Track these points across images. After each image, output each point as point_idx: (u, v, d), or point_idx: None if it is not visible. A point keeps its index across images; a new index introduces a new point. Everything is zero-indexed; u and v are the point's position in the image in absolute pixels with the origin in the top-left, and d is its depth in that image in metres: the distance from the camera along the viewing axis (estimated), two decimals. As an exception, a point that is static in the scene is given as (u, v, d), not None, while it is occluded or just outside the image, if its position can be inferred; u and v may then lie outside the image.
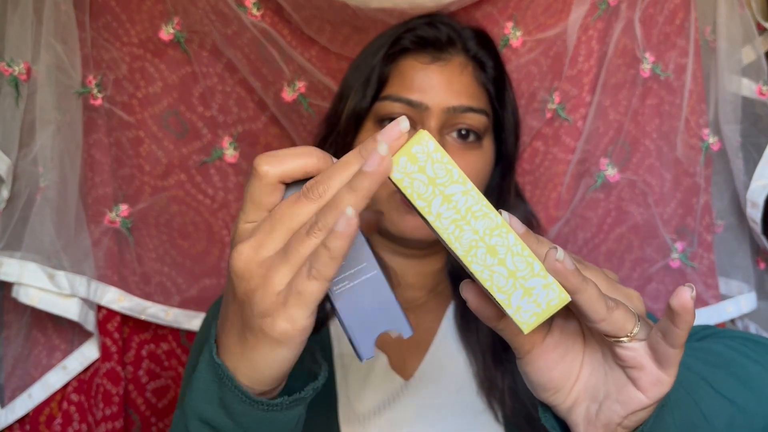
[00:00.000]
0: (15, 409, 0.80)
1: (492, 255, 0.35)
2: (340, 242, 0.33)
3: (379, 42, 0.73)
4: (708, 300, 0.90)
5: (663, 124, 0.92)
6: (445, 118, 0.67)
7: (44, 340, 0.83)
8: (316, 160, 0.36)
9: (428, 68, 0.69)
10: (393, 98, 0.68)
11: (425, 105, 0.67)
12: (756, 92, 0.89)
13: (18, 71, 0.78)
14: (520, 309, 0.35)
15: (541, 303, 0.35)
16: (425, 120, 0.67)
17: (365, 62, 0.72)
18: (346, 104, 0.71)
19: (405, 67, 0.69)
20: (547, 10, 0.91)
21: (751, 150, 0.90)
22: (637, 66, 0.91)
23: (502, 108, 0.73)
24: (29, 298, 0.77)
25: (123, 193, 0.87)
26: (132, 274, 0.87)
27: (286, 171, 0.36)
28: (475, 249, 0.35)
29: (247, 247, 0.35)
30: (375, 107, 0.69)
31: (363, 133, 0.70)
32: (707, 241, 0.91)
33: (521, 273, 0.34)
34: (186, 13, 0.87)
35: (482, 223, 0.35)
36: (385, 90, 0.69)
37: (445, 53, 0.70)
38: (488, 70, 0.72)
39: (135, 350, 0.90)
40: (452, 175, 0.35)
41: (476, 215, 0.35)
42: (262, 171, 0.35)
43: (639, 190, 0.92)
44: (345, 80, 0.74)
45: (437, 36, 0.70)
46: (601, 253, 0.93)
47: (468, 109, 0.67)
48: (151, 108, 0.88)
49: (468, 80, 0.69)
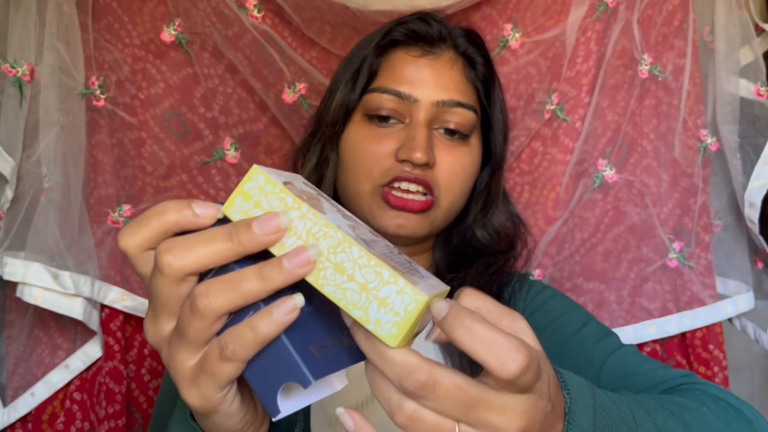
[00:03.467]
0: (18, 408, 0.81)
1: (340, 273, 0.33)
2: (272, 327, 0.32)
3: (369, 38, 0.73)
4: (705, 300, 0.91)
5: (661, 125, 0.92)
6: (434, 112, 0.67)
7: (47, 339, 0.83)
8: (173, 216, 0.35)
9: (418, 61, 0.68)
10: (382, 90, 0.67)
11: (414, 97, 0.66)
12: (754, 93, 0.90)
13: (21, 73, 0.78)
14: (379, 322, 0.32)
15: (399, 310, 0.32)
16: (414, 113, 0.66)
17: (356, 55, 0.72)
18: (336, 97, 0.70)
19: (395, 60, 0.69)
20: (545, 12, 0.92)
21: (749, 150, 0.90)
22: (635, 67, 0.91)
23: (490, 106, 0.73)
24: (33, 297, 0.78)
25: (126, 194, 0.88)
26: (134, 274, 0.87)
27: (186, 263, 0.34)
28: (323, 271, 0.33)
29: (147, 322, 0.36)
30: (364, 99, 0.69)
31: (351, 125, 0.69)
32: (705, 241, 0.92)
33: (372, 284, 0.33)
34: (187, 15, 0.87)
35: (324, 242, 0.33)
36: (375, 82, 0.69)
37: (435, 48, 0.70)
38: (478, 67, 0.72)
39: (137, 349, 0.90)
40: (286, 203, 0.34)
41: (317, 236, 0.33)
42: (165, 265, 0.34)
43: (637, 190, 0.93)
44: (335, 76, 0.74)
45: (428, 31, 0.70)
46: (598, 253, 0.93)
47: (457, 103, 0.67)
48: (153, 109, 0.89)
49: (458, 76, 0.69)
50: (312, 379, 0.32)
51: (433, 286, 0.35)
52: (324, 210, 0.36)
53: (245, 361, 0.33)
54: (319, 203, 0.36)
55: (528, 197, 0.94)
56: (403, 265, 0.35)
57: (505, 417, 0.32)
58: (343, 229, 0.34)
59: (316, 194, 0.38)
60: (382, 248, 0.36)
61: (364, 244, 0.34)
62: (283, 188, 0.34)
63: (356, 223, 0.38)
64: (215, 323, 0.33)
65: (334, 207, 0.38)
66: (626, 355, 0.66)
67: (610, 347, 0.66)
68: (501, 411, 0.32)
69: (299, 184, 0.38)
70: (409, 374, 0.32)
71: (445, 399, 0.32)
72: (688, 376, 0.61)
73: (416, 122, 0.66)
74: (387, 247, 0.37)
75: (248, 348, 0.32)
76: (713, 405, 0.53)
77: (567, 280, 0.93)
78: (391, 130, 0.67)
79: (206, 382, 0.33)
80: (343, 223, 0.36)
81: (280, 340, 0.33)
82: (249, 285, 0.32)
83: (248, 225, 0.33)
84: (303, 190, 0.37)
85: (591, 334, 0.68)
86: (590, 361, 0.66)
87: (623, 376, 0.63)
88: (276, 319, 0.32)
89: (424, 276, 0.36)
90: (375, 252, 0.34)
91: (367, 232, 0.38)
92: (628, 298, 0.93)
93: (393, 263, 0.34)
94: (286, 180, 0.37)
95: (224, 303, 0.32)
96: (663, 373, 0.62)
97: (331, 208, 0.37)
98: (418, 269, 0.37)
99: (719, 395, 0.56)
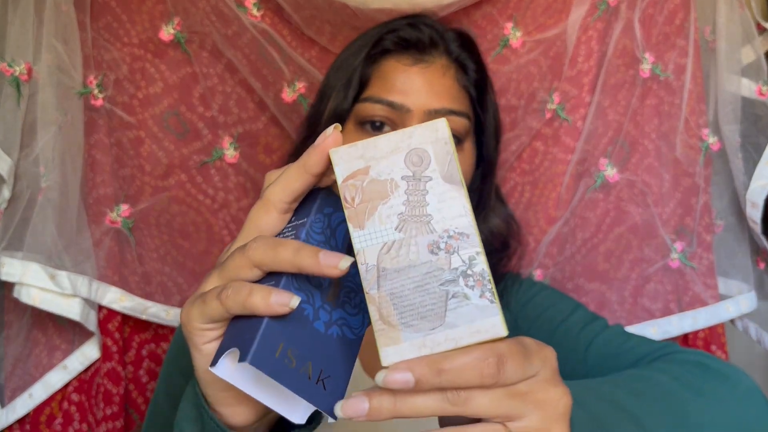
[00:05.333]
0: (15, 409, 0.80)
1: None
2: (260, 304, 0.34)
3: (360, 42, 0.73)
4: (707, 300, 0.91)
5: (662, 125, 0.92)
6: (426, 121, 0.67)
7: (45, 340, 0.83)
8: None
9: (410, 70, 0.68)
10: (374, 100, 0.67)
11: (407, 107, 0.66)
12: (756, 92, 0.89)
13: (19, 72, 0.78)
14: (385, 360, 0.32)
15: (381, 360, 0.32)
16: (407, 122, 0.66)
17: (347, 62, 0.71)
18: (327, 105, 0.70)
19: (386, 69, 0.69)
20: (546, 11, 0.91)
21: (750, 150, 0.90)
22: (637, 66, 0.91)
23: (483, 111, 0.73)
24: (31, 298, 0.77)
25: (124, 194, 0.87)
26: (133, 274, 0.87)
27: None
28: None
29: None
30: (356, 108, 0.69)
31: (344, 134, 0.69)
32: (706, 241, 0.91)
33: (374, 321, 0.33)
34: (186, 14, 0.87)
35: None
36: (367, 91, 0.69)
37: (427, 55, 0.69)
38: (470, 72, 0.72)
39: (135, 350, 0.90)
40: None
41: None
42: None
43: (638, 190, 0.92)
44: (326, 80, 0.74)
45: (419, 37, 0.70)
46: (600, 253, 0.93)
47: (449, 111, 0.67)
48: (152, 108, 0.89)
49: (450, 83, 0.69)
50: (249, 360, 0.32)
51: (435, 342, 0.32)
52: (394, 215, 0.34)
53: (230, 311, 0.35)
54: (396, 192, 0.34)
55: (529, 197, 0.94)
56: (432, 301, 0.32)
57: None
58: (380, 256, 0.33)
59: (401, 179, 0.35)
60: (419, 275, 0.33)
61: (391, 276, 0.33)
62: None
63: (408, 237, 0.34)
64: (249, 269, 0.35)
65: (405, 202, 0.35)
66: (611, 336, 0.67)
67: (595, 330, 0.69)
68: None
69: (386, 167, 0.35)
70: (481, 361, 0.31)
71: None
72: (668, 347, 0.62)
73: None
74: (429, 275, 0.33)
75: (237, 303, 0.34)
76: (679, 369, 0.53)
77: (568, 280, 0.93)
78: None
79: (198, 306, 0.36)
80: (390, 237, 0.34)
81: (262, 318, 0.34)
82: (284, 253, 0.34)
83: (316, 252, 0.34)
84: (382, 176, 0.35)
85: (577, 320, 0.70)
86: (576, 345, 0.67)
87: (608, 357, 0.64)
88: (267, 300, 0.33)
89: (444, 322, 0.32)
90: (389, 286, 0.33)
91: (424, 249, 0.34)
92: (630, 299, 0.92)
93: (406, 303, 0.32)
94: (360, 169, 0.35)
95: (261, 256, 0.35)
96: (644, 349, 0.63)
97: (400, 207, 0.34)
98: (455, 307, 0.33)
99: (699, 360, 0.56)
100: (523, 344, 0.33)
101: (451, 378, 0.31)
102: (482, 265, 0.33)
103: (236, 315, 0.35)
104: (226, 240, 0.92)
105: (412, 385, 0.31)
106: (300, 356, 0.34)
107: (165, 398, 0.68)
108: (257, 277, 0.36)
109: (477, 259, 0.33)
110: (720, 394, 0.52)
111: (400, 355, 0.32)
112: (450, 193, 0.34)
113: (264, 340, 0.33)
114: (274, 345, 0.33)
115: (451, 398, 0.32)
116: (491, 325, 0.32)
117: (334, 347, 0.36)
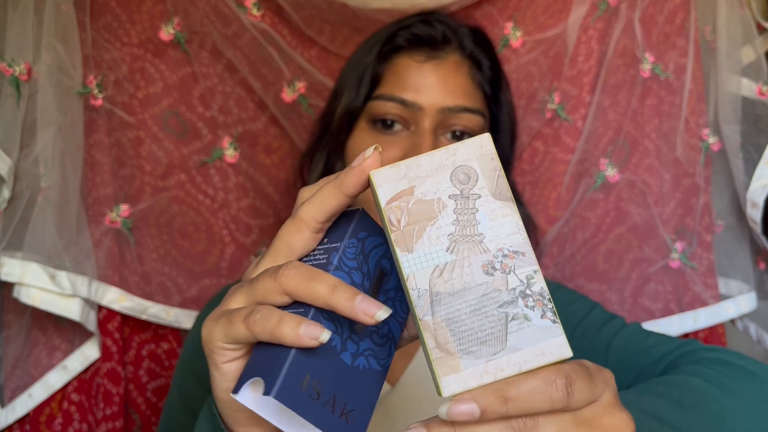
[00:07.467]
0: (15, 409, 0.80)
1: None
2: (290, 334, 0.32)
3: (373, 40, 0.72)
4: (707, 300, 0.90)
5: (663, 124, 0.92)
6: (439, 119, 0.66)
7: (44, 340, 0.83)
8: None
9: (423, 67, 0.67)
10: (387, 98, 0.67)
11: (419, 105, 0.66)
12: (756, 92, 0.89)
13: (19, 71, 0.78)
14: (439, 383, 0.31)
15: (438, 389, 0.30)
16: (419, 120, 0.66)
17: (359, 60, 0.71)
18: (340, 103, 0.70)
19: (399, 66, 0.68)
20: (546, 11, 0.91)
21: (751, 150, 0.90)
22: (637, 66, 0.91)
23: (498, 109, 0.72)
24: (30, 298, 0.77)
25: (124, 194, 0.87)
26: (133, 274, 0.87)
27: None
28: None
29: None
30: (368, 106, 0.68)
31: (356, 132, 0.69)
32: (707, 241, 0.91)
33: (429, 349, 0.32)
34: (186, 14, 0.87)
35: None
36: (379, 89, 0.68)
37: (440, 51, 0.68)
38: (484, 69, 0.71)
39: (135, 350, 0.90)
40: None
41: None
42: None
43: (638, 190, 0.92)
44: (340, 78, 0.74)
45: (432, 34, 0.69)
46: (600, 253, 0.93)
47: (463, 109, 0.66)
48: (152, 108, 0.88)
49: (463, 79, 0.68)
50: (274, 394, 0.31)
51: (485, 371, 0.30)
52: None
53: (256, 337, 0.33)
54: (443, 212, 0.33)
55: (529, 197, 0.94)
56: (491, 325, 0.31)
57: None
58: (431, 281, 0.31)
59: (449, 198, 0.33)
60: (475, 298, 0.32)
61: (445, 300, 0.31)
62: None
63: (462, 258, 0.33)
64: (279, 296, 0.34)
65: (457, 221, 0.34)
66: (630, 334, 0.66)
67: (614, 329, 0.67)
68: None
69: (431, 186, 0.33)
70: (549, 385, 0.29)
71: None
72: (689, 344, 0.60)
73: (422, 130, 0.65)
74: (486, 297, 0.32)
75: (265, 330, 0.32)
76: (708, 370, 0.52)
77: (568, 280, 0.93)
78: (396, 138, 0.66)
79: (222, 326, 0.34)
80: (442, 259, 0.32)
81: (290, 349, 0.32)
82: (319, 288, 0.33)
83: (353, 295, 0.32)
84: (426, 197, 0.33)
85: (595, 320, 0.69)
86: (596, 346, 0.66)
87: (628, 356, 0.63)
88: (297, 332, 0.32)
89: (500, 348, 0.31)
90: (444, 312, 0.31)
91: (479, 270, 0.32)
92: (630, 299, 0.92)
93: (464, 328, 0.31)
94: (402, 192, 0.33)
95: (294, 286, 0.33)
96: (665, 347, 0.62)
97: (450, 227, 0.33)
98: (516, 329, 0.31)
99: (724, 358, 0.55)
100: (586, 366, 0.31)
101: (519, 405, 0.29)
102: (541, 284, 0.31)
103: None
104: (226, 240, 0.92)
105: (477, 417, 0.29)
106: (325, 389, 0.33)
107: (179, 403, 0.68)
108: (286, 304, 0.34)
109: (535, 278, 0.31)
110: (750, 393, 0.52)
111: (462, 385, 0.30)
112: (501, 210, 0.32)
113: (290, 374, 0.32)
114: (300, 377, 0.32)
115: (516, 427, 0.30)
116: (556, 346, 0.30)
117: (360, 379, 0.35)
